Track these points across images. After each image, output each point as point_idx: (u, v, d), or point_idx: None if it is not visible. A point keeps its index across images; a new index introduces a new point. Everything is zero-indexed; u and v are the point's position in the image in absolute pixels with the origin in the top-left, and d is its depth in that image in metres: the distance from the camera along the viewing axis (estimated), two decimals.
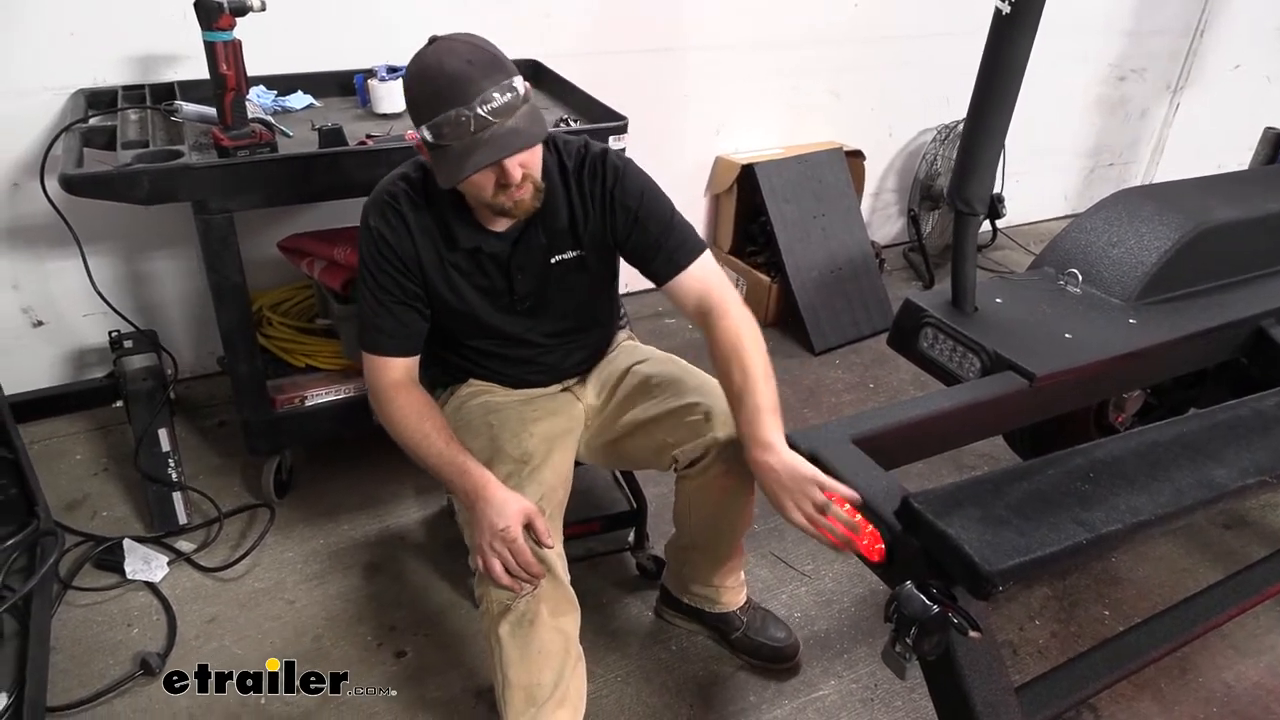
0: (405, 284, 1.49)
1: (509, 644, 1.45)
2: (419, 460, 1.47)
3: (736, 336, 1.49)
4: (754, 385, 1.43)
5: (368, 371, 1.52)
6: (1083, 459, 1.35)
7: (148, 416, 2.07)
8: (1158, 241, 1.93)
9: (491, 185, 1.35)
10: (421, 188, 1.47)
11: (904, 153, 3.73)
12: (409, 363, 1.52)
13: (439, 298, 1.53)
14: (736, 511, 1.69)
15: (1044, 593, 2.09)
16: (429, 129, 1.30)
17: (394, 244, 1.46)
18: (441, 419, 1.49)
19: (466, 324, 1.58)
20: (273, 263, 2.40)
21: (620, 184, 1.51)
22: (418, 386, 1.52)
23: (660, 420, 1.62)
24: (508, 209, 1.40)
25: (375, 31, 2.49)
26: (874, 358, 3.05)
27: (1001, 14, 1.59)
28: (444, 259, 1.50)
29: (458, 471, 1.42)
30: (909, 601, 1.16)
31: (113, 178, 1.71)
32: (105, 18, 2.20)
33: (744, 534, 1.77)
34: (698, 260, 1.55)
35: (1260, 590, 1.63)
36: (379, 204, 1.48)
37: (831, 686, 1.83)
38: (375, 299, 1.49)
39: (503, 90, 1.28)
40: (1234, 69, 4.31)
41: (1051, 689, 1.35)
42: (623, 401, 1.69)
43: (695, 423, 1.58)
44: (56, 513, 2.09)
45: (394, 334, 1.50)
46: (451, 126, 1.27)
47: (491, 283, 1.54)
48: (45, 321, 2.44)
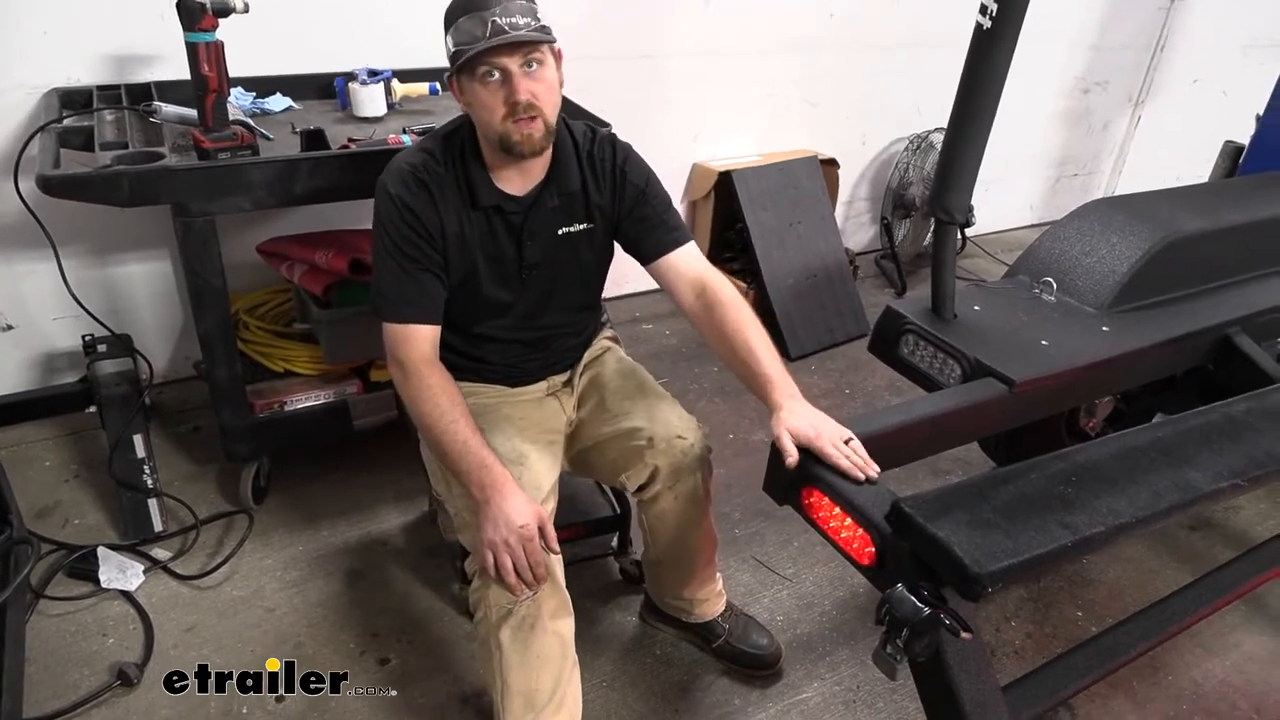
0: (429, 250, 1.48)
1: (510, 649, 1.45)
2: (437, 444, 1.44)
3: (737, 318, 1.54)
4: (758, 359, 1.49)
5: (392, 346, 1.49)
6: (1064, 463, 1.38)
7: (122, 422, 2.03)
8: (1129, 251, 1.98)
9: (500, 109, 1.39)
10: (443, 153, 1.50)
11: (877, 161, 3.79)
12: (435, 335, 1.50)
13: (455, 269, 1.52)
14: (692, 533, 1.70)
15: (1019, 594, 2.13)
16: (455, 33, 1.37)
17: (418, 210, 1.46)
18: (467, 408, 1.46)
19: (475, 300, 1.57)
20: (250, 266, 2.37)
21: (628, 162, 1.60)
22: (444, 368, 1.50)
23: (611, 440, 1.64)
24: (517, 142, 1.41)
25: (355, 35, 2.49)
26: (849, 363, 3.09)
27: (982, 28, 1.63)
28: (463, 226, 1.50)
29: (480, 465, 1.40)
30: (900, 604, 1.17)
31: (92, 179, 1.69)
32: (80, 16, 2.17)
33: (709, 551, 1.78)
34: (693, 242, 1.63)
35: (1230, 590, 1.68)
36: (399, 173, 1.48)
37: (814, 689, 1.85)
38: (399, 266, 1.47)
39: (524, 12, 1.36)
40: (1193, 83, 4.44)
41: (1036, 689, 1.38)
42: (588, 415, 1.71)
43: (638, 448, 1.60)
44: (27, 520, 2.05)
45: (419, 302, 1.48)
46: (470, 27, 1.35)
47: (501, 250, 1.55)
48: (15, 325, 2.39)
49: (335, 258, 2.08)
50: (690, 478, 1.62)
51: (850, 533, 1.33)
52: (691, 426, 1.63)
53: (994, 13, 1.58)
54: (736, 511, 2.30)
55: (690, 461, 1.61)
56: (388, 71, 2.33)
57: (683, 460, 1.60)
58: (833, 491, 1.35)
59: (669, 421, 1.61)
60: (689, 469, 1.61)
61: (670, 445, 1.59)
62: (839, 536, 1.36)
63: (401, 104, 2.37)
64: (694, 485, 1.63)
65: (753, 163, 3.25)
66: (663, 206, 1.61)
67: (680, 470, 1.61)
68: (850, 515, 1.32)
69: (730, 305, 1.55)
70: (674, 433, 1.59)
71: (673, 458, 1.59)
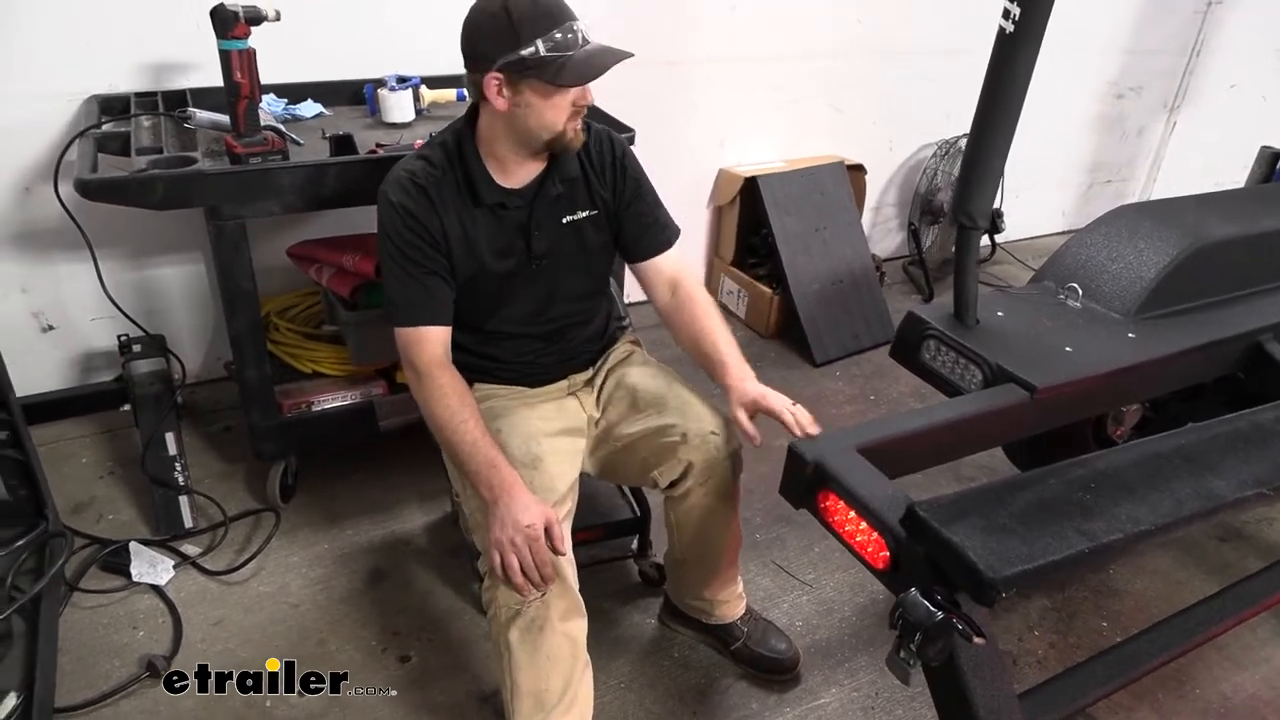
0: (433, 255, 1.51)
1: (518, 649, 1.46)
2: (449, 445, 1.48)
3: (705, 311, 1.68)
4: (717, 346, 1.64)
5: (405, 349, 1.52)
6: (1083, 470, 1.37)
7: (155, 420, 2.08)
8: (1156, 257, 1.95)
9: (568, 110, 1.46)
10: (441, 157, 1.53)
11: (905, 167, 3.77)
12: (445, 336, 1.54)
13: (461, 267, 1.55)
14: (720, 531, 1.71)
15: (1042, 604, 2.11)
16: (545, 41, 1.39)
17: (419, 215, 1.49)
18: (478, 409, 1.50)
19: (484, 297, 1.60)
20: (280, 268, 2.42)
21: (626, 156, 1.66)
22: (455, 369, 1.54)
23: (642, 439, 1.66)
24: (570, 140, 1.50)
25: (385, 42, 2.53)
26: (874, 370, 3.07)
27: (1005, 33, 1.62)
28: (466, 228, 1.53)
29: (488, 464, 1.43)
30: (914, 608, 1.17)
31: (128, 183, 1.74)
32: (119, 26, 2.23)
33: (733, 551, 1.79)
34: (677, 243, 1.73)
35: (1257, 602, 1.65)
36: (398, 181, 1.51)
37: (833, 695, 1.84)
38: (404, 271, 1.50)
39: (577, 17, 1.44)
40: (1230, 88, 4.36)
41: (1053, 696, 1.37)
42: (614, 415, 1.72)
43: (672, 444, 1.62)
44: (63, 515, 2.10)
45: (426, 305, 1.52)
46: (567, 38, 1.40)
47: (509, 244, 1.58)
48: (55, 326, 2.46)
49: (362, 260, 2.12)
50: (722, 474, 1.64)
51: (865, 536, 1.34)
52: (723, 423, 1.64)
53: (1016, 16, 1.58)
54: (758, 516, 2.30)
55: (723, 458, 1.62)
56: (416, 78, 2.37)
57: (715, 456, 1.61)
58: (848, 495, 1.35)
59: (702, 417, 1.62)
60: (721, 465, 1.63)
61: (704, 441, 1.60)
62: (854, 540, 1.36)
63: (430, 110, 2.41)
64: (724, 481, 1.65)
65: (778, 168, 3.25)
66: (655, 203, 1.69)
67: (712, 466, 1.62)
68: (865, 519, 1.32)
69: (699, 301, 1.69)
70: (707, 428, 1.61)
71: (706, 453, 1.60)
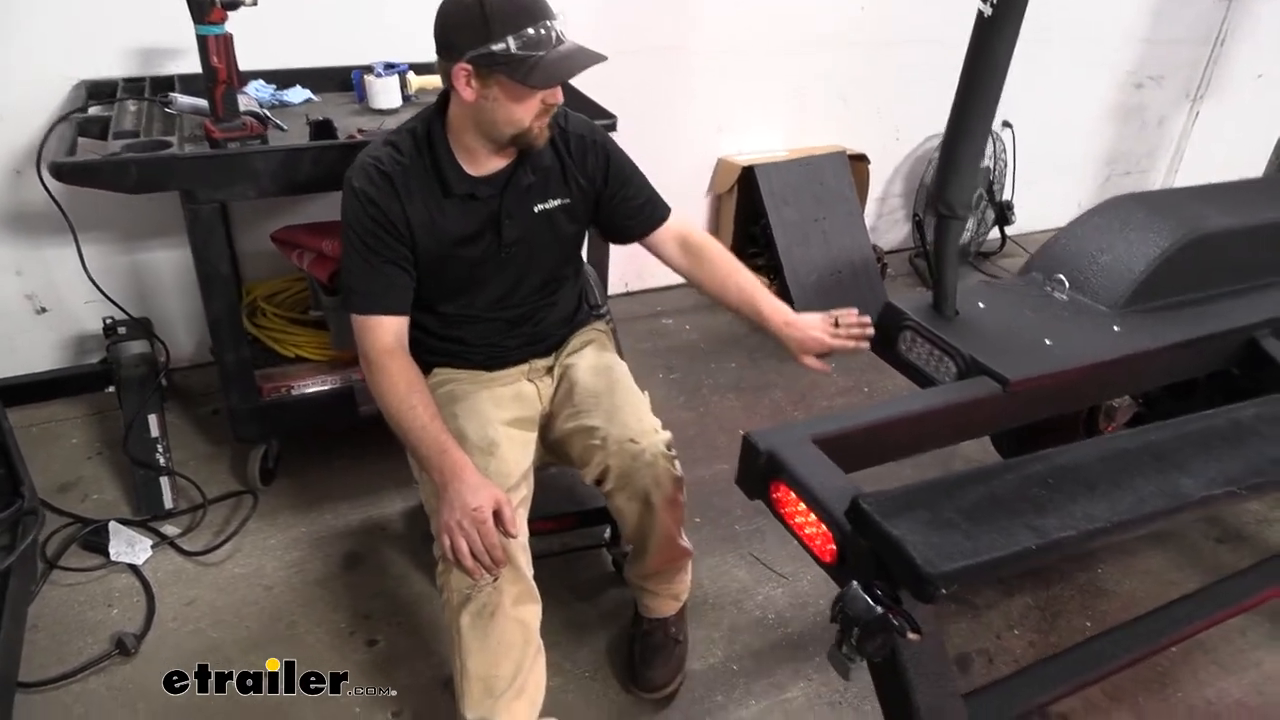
0: (393, 243, 1.50)
1: (469, 634, 1.45)
2: (400, 431, 1.47)
3: (726, 262, 1.73)
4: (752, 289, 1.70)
5: (359, 336, 1.52)
6: (1043, 465, 1.32)
7: (138, 402, 2.10)
8: (1147, 248, 1.89)
9: (536, 109, 1.45)
10: (409, 145, 1.52)
11: (911, 157, 3.70)
12: (400, 325, 1.53)
13: (427, 253, 1.54)
14: (645, 534, 1.68)
15: (1025, 602, 2.06)
16: (517, 39, 1.37)
17: (381, 204, 1.49)
18: (429, 394, 1.49)
19: (453, 281, 1.59)
20: (269, 254, 2.42)
21: (609, 144, 1.67)
22: (409, 356, 1.53)
23: (573, 435, 1.65)
24: (536, 137, 1.49)
25: (373, 28, 2.52)
26: (870, 362, 2.97)
27: (983, 16, 1.59)
28: (433, 216, 1.52)
29: (438, 449, 1.42)
30: (853, 602, 1.15)
31: (101, 166, 1.75)
32: (109, 11, 2.24)
33: (662, 556, 1.72)
34: (671, 211, 1.75)
35: (1236, 603, 1.59)
36: (363, 169, 1.51)
37: (800, 689, 1.82)
38: (363, 259, 1.50)
39: (554, 16, 1.42)
40: (1257, 78, 4.23)
41: (1005, 696, 1.33)
42: (557, 407, 1.71)
43: (593, 447, 1.60)
44: (49, 494, 2.14)
45: (383, 294, 1.51)
46: (541, 36, 1.39)
47: (480, 231, 1.57)
48: (49, 308, 2.49)
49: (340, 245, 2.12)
50: (639, 482, 1.59)
51: (815, 529, 1.31)
52: (648, 431, 1.59)
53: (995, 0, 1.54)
54: (738, 508, 2.27)
55: (640, 466, 1.57)
56: (404, 65, 2.36)
57: (632, 465, 1.57)
58: (798, 486, 1.32)
59: (625, 424, 1.58)
60: (638, 473, 1.58)
61: (621, 448, 1.56)
62: (804, 532, 1.33)
63: (418, 96, 2.40)
64: (644, 490, 1.59)
65: (777, 157, 3.21)
66: (643, 183, 1.70)
67: (628, 474, 1.58)
68: (814, 511, 1.30)
69: (710, 249, 1.72)
70: (627, 435, 1.57)
71: (622, 460, 1.57)
